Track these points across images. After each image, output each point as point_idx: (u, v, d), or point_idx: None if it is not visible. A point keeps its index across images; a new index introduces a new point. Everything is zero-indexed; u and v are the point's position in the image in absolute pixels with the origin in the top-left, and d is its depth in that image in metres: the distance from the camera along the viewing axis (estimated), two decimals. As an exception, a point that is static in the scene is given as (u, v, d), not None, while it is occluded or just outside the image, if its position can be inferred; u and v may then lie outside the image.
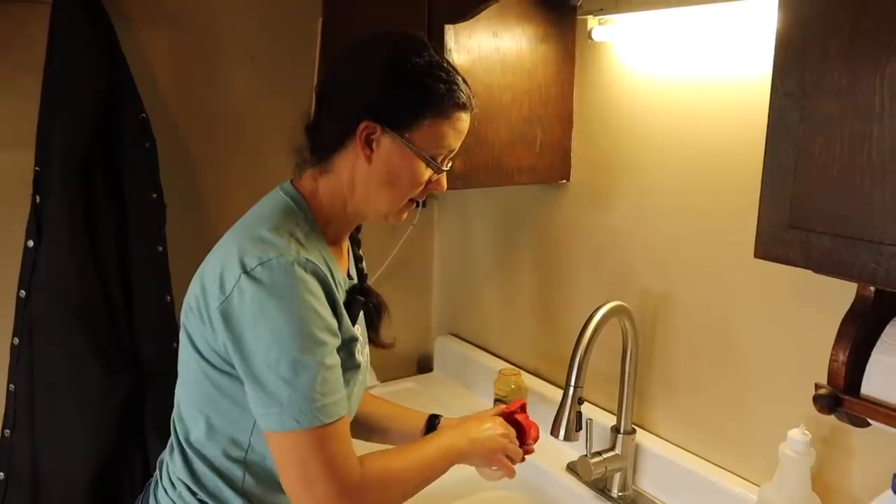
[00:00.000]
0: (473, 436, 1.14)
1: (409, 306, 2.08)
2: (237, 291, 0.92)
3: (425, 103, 0.99)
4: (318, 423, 0.92)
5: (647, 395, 1.46)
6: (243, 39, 1.74)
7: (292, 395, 0.91)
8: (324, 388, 0.93)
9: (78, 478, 1.48)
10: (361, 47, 1.04)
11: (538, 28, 1.46)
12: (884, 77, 0.74)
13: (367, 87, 1.00)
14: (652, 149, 1.41)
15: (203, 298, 0.97)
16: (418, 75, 0.99)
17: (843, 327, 0.97)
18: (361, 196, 1.03)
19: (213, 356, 0.99)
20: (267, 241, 0.95)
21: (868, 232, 0.77)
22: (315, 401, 0.92)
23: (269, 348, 0.91)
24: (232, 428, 1.01)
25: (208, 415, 1.02)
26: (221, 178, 1.76)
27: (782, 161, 0.84)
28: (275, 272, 0.91)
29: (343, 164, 1.02)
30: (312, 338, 0.92)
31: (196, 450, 1.04)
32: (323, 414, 0.92)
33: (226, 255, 0.96)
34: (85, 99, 1.44)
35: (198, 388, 1.02)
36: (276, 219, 1.00)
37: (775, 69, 0.84)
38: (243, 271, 0.92)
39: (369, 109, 0.98)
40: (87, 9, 1.44)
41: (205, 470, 1.03)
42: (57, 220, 1.43)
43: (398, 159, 1.00)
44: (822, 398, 0.97)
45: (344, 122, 1.00)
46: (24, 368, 1.46)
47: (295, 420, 0.91)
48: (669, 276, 1.40)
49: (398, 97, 0.99)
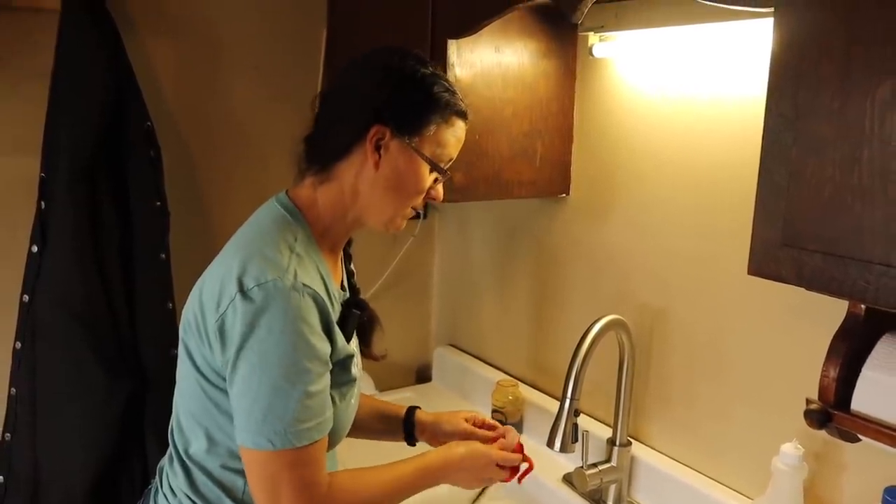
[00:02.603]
0: (453, 460, 1.11)
1: (409, 316, 2.09)
2: (231, 309, 0.93)
3: (432, 109, 1.02)
4: (291, 447, 0.93)
5: (642, 407, 1.47)
6: (248, 48, 1.76)
7: (268, 418, 0.92)
8: (303, 414, 0.93)
9: (77, 483, 1.49)
10: (363, 59, 1.06)
11: (540, 44, 1.48)
12: (874, 101, 0.76)
13: (376, 92, 1.01)
14: (651, 165, 1.42)
15: (201, 315, 0.98)
16: (424, 82, 1.02)
17: (833, 344, 0.98)
18: (365, 202, 1.04)
19: (210, 373, 0.99)
20: (267, 258, 0.95)
21: (858, 251, 0.79)
22: (291, 426, 0.92)
23: (252, 369, 0.92)
24: (231, 442, 1.01)
25: (207, 428, 1.02)
26: (225, 186, 1.77)
27: (776, 181, 0.86)
28: (270, 295, 0.91)
29: (347, 171, 1.03)
30: (298, 366, 0.92)
31: (196, 461, 1.05)
32: (297, 438, 0.93)
33: (225, 272, 0.96)
34: (91, 106, 1.46)
35: (196, 402, 1.02)
36: (274, 232, 1.00)
37: (770, 91, 0.86)
38: (239, 290, 0.92)
39: (379, 114, 1.00)
40: (94, 17, 1.46)
41: (205, 480, 1.04)
42: (61, 227, 1.45)
43: (405, 164, 1.02)
44: (813, 413, 0.98)
45: (351, 128, 1.01)
46: (26, 373, 1.47)
47: (268, 441, 0.92)
48: (666, 290, 1.42)
49: (406, 102, 1.01)
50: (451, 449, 1.13)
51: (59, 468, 1.49)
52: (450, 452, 1.12)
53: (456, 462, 1.11)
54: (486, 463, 1.14)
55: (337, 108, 1.05)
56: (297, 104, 1.78)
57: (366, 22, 1.68)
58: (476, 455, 1.13)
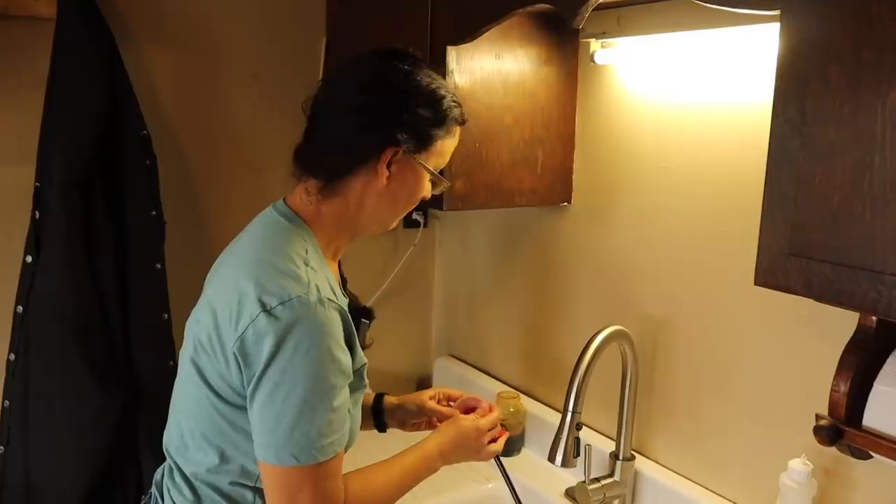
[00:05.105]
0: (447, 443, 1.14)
1: (409, 327, 2.07)
2: (252, 329, 0.92)
3: (440, 125, 1.03)
4: (315, 462, 0.93)
5: (646, 421, 1.45)
6: (246, 57, 1.74)
7: (294, 434, 0.92)
8: (327, 429, 0.94)
9: (71, 494, 1.47)
10: (357, 68, 1.05)
11: (540, 50, 1.46)
12: (885, 106, 0.73)
13: (383, 114, 1.00)
14: (654, 172, 1.40)
15: (217, 336, 0.97)
16: (433, 98, 1.02)
17: (844, 357, 0.96)
18: (369, 213, 1.05)
19: (227, 392, 0.98)
20: (284, 273, 0.95)
21: (869, 261, 0.76)
22: (316, 441, 0.93)
23: (278, 387, 0.92)
24: (245, 459, 1.01)
25: (220, 446, 1.02)
26: (222, 195, 1.76)
27: (783, 188, 0.83)
28: (296, 313, 0.91)
29: (354, 186, 1.03)
30: (325, 382, 0.93)
31: (203, 480, 1.04)
32: (321, 453, 0.93)
33: (241, 289, 0.95)
34: (86, 116, 1.44)
35: (207, 422, 1.01)
36: (284, 244, 1.00)
37: (776, 95, 0.84)
38: (263, 310, 0.92)
39: (392, 135, 1.00)
40: (90, 26, 1.45)
41: (213, 496, 1.03)
42: (56, 237, 1.43)
43: (412, 178, 1.05)
44: (823, 430, 0.95)
45: (362, 149, 1.01)
46: (20, 384, 1.45)
47: (293, 457, 0.93)
48: (670, 300, 1.39)
49: (417, 121, 1.01)
50: (442, 431, 1.17)
51: (53, 480, 1.47)
52: (442, 434, 1.16)
53: (449, 441, 1.15)
54: (477, 434, 1.17)
55: (341, 125, 1.03)
56: (295, 113, 1.74)
57: (365, 29, 1.67)
58: (466, 430, 1.16)
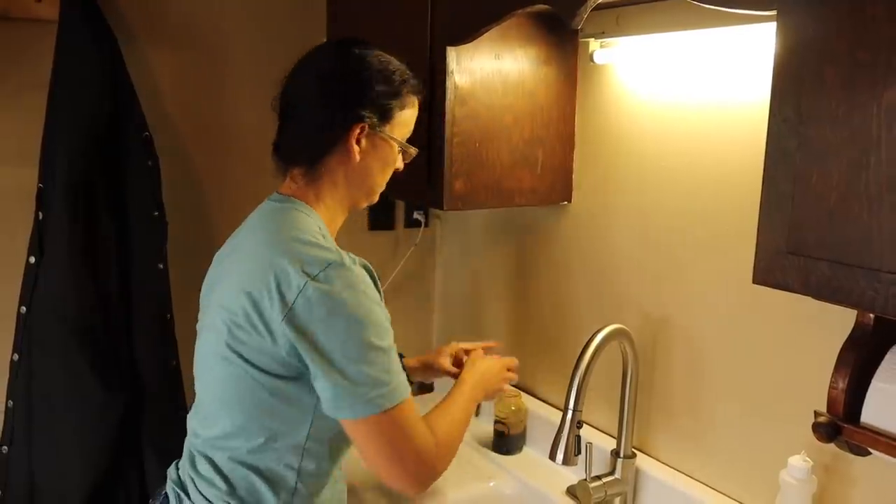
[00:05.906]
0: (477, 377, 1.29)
1: (411, 325, 2.07)
2: (302, 299, 0.98)
3: (397, 96, 1.13)
4: (397, 402, 1.00)
5: (647, 418, 1.45)
6: (248, 58, 1.75)
7: (369, 380, 0.98)
8: (395, 368, 1.02)
9: (74, 494, 1.48)
10: (316, 60, 1.15)
11: (540, 50, 1.47)
12: (881, 106, 0.74)
13: (345, 95, 1.10)
14: (653, 171, 1.41)
15: (258, 314, 1.01)
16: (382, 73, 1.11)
17: (842, 354, 0.96)
18: (354, 188, 1.15)
19: (272, 365, 1.02)
20: (315, 245, 1.03)
21: (866, 259, 0.77)
22: (389, 382, 1.00)
23: (344, 344, 0.98)
24: (296, 433, 1.06)
25: (268, 425, 1.05)
26: (224, 195, 1.76)
27: (780, 187, 0.84)
28: (340, 274, 0.99)
29: (332, 166, 1.12)
30: (379, 327, 1.01)
31: (242, 461, 1.07)
32: (397, 392, 1.01)
33: (278, 266, 1.00)
34: (88, 117, 1.45)
35: (251, 401, 1.05)
36: (301, 223, 1.07)
37: (773, 95, 0.84)
38: (310, 279, 0.98)
39: (356, 113, 1.09)
40: (92, 27, 1.46)
41: (251, 479, 1.07)
42: (59, 237, 1.44)
43: (382, 149, 1.14)
44: (822, 426, 0.96)
45: (333, 131, 1.10)
46: (23, 385, 1.46)
47: (375, 404, 0.99)
48: (670, 299, 1.40)
49: (376, 97, 1.11)
50: (472, 369, 1.31)
51: (56, 480, 1.48)
52: (474, 371, 1.30)
53: (480, 375, 1.30)
54: (499, 368, 1.35)
55: (309, 112, 1.12)
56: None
57: (365, 30, 1.67)
58: (491, 366, 1.34)
